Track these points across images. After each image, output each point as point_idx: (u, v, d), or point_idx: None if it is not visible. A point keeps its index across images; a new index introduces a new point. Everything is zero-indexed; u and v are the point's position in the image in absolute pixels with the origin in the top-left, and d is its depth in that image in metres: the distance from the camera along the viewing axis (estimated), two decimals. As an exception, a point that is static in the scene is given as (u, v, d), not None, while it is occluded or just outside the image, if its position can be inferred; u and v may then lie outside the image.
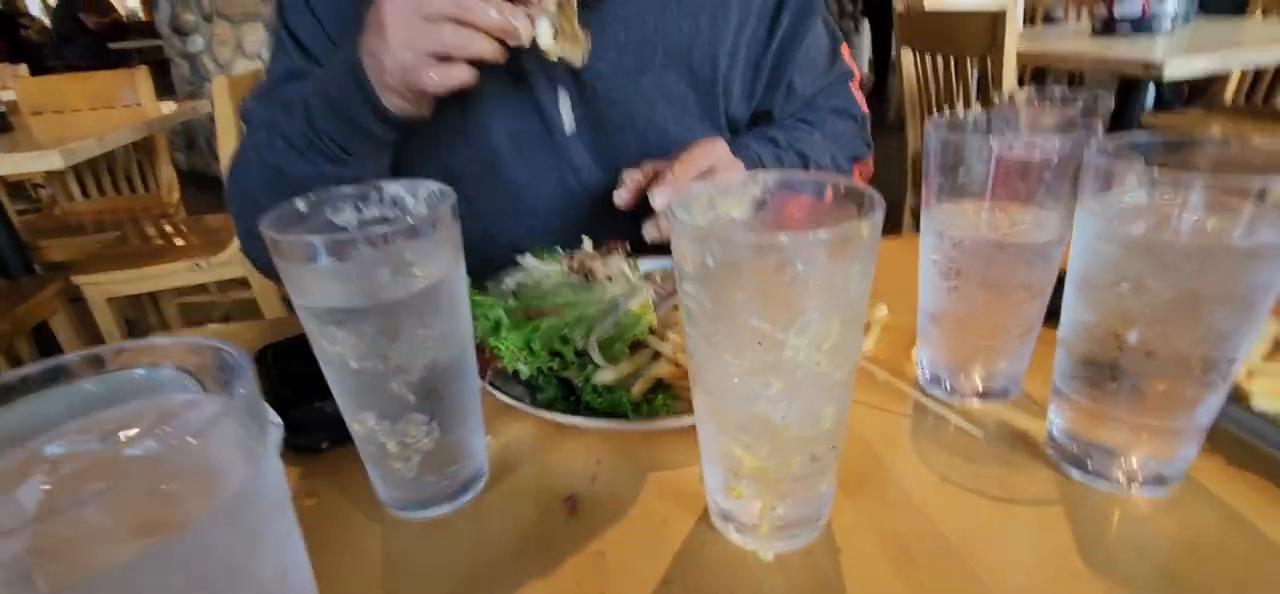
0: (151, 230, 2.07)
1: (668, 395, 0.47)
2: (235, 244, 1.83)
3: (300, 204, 0.38)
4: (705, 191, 0.35)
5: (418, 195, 0.40)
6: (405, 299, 0.35)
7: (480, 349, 0.50)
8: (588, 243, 0.60)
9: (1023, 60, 1.90)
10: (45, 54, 6.28)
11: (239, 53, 3.90)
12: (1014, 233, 0.42)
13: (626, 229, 0.66)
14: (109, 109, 2.25)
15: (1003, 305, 0.44)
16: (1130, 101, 2.17)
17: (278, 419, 0.48)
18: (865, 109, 0.80)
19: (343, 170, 0.59)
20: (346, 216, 0.40)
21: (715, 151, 0.60)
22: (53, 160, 1.42)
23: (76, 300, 1.80)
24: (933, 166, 0.44)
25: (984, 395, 0.47)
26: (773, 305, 0.29)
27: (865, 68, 6.60)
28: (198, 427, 0.22)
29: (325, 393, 0.52)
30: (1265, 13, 2.31)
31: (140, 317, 2.30)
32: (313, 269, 0.35)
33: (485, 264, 0.78)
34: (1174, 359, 0.34)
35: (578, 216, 0.71)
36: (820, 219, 0.36)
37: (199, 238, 1.98)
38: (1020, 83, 3.29)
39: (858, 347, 0.32)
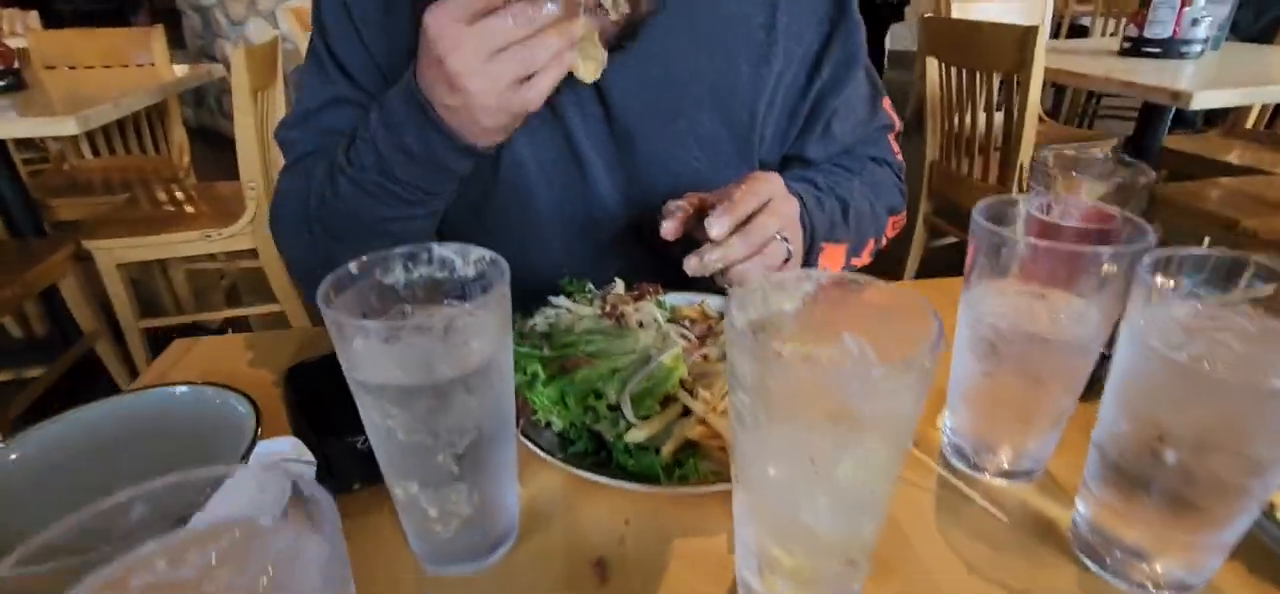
0: (162, 195, 2.06)
1: (698, 456, 0.47)
2: (246, 215, 1.83)
3: (352, 267, 0.38)
4: (759, 287, 0.35)
5: (468, 259, 0.40)
6: (459, 377, 0.35)
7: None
8: (620, 284, 0.60)
9: (1050, 76, 1.88)
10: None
11: (252, 10, 3.83)
12: (1054, 327, 0.42)
13: (650, 264, 0.66)
14: (122, 67, 2.22)
15: (1037, 394, 0.44)
16: (1151, 120, 2.15)
17: (311, 458, 0.49)
18: (901, 159, 0.79)
19: (422, 209, 0.59)
20: (396, 276, 0.40)
21: (771, 185, 0.57)
22: (67, 126, 1.41)
23: (83, 258, 1.80)
24: (977, 248, 0.44)
25: (1009, 475, 0.47)
26: (828, 432, 0.30)
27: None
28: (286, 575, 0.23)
29: (358, 423, 0.53)
30: (1296, 41, 2.28)
31: (147, 279, 2.31)
32: (370, 347, 0.35)
33: (512, 292, 0.78)
34: (1210, 482, 0.35)
35: (605, 250, 0.71)
36: (871, 322, 0.36)
37: (209, 206, 1.98)
38: (1057, 107, 3.24)
39: (903, 460, 0.32)
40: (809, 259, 0.62)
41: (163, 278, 2.25)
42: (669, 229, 0.57)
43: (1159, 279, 0.36)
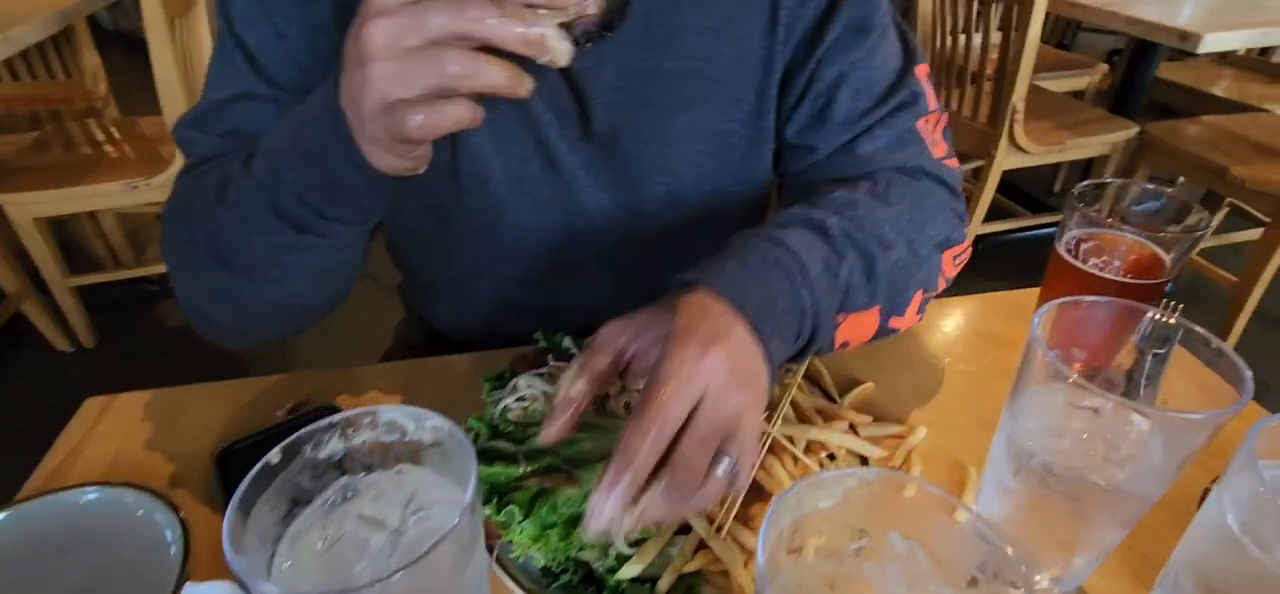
0: (78, 134, 1.84)
1: (700, 584, 0.42)
2: (174, 165, 1.64)
3: (275, 456, 0.30)
4: (794, 491, 0.28)
5: (422, 424, 0.32)
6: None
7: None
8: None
9: (1051, 7, 1.76)
10: None
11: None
12: (1111, 465, 0.37)
13: (641, 290, 0.54)
14: (10, -21, 1.91)
15: (1085, 529, 0.39)
16: (1144, 54, 2.06)
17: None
18: (954, 162, 0.59)
19: (313, 243, 0.47)
20: (332, 448, 0.32)
21: (701, 376, 0.36)
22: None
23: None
24: (1028, 361, 0.38)
25: None
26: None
27: None
28: None
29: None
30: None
31: (72, 225, 2.11)
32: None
33: (483, 331, 0.69)
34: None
35: (590, 274, 0.63)
36: (914, 521, 0.30)
37: (134, 148, 1.77)
38: (1046, 31, 3.09)
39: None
40: (809, 345, 0.45)
41: (90, 222, 2.06)
42: (551, 435, 0.41)
43: (1266, 447, 0.30)
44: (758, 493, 0.46)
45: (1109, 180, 0.58)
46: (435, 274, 0.70)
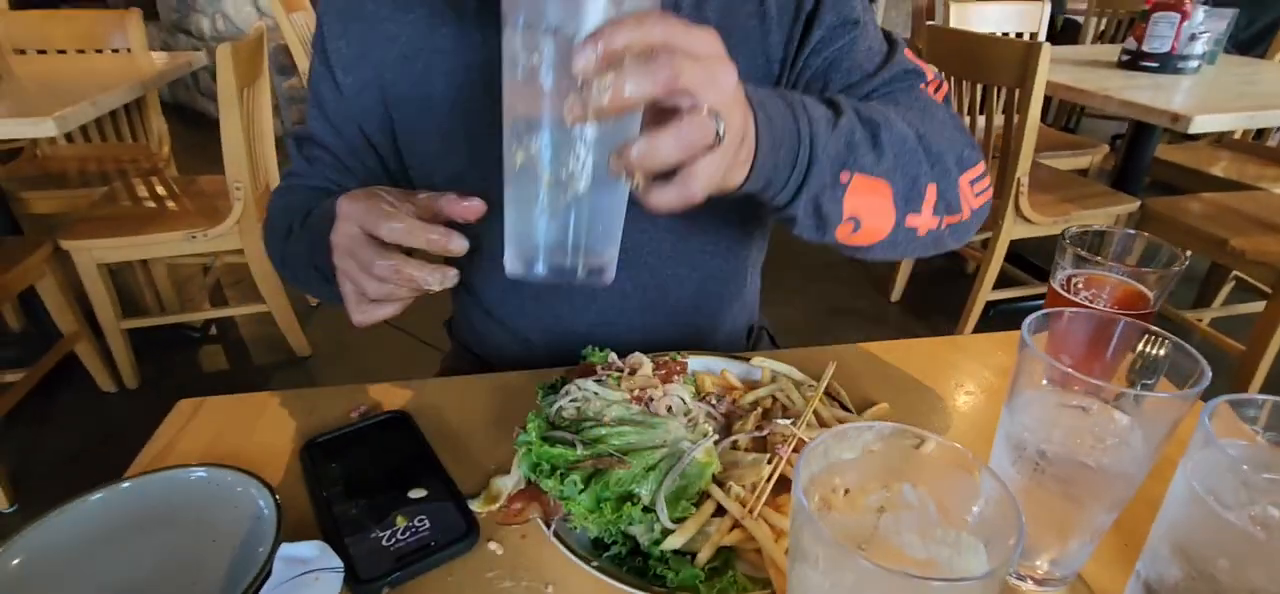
0: (143, 189, 1.99)
1: (736, 561, 0.47)
2: (232, 215, 1.77)
3: None
4: (821, 442, 0.34)
5: None
6: None
7: (545, 496, 0.50)
8: (646, 362, 0.59)
9: (1049, 90, 1.88)
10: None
11: (230, -14, 3.69)
12: (1099, 450, 0.42)
13: (654, 273, 0.67)
14: (96, 52, 2.13)
15: (1077, 511, 0.44)
16: (1143, 135, 2.17)
17: (337, 563, 0.47)
18: (963, 121, 0.60)
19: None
20: None
21: (699, 34, 0.37)
22: (46, 128, 1.34)
23: (58, 250, 1.73)
24: (1022, 362, 0.44)
25: (1042, 582, 0.48)
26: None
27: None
28: None
29: (382, 512, 0.52)
30: (1286, 54, 2.31)
31: (125, 273, 2.24)
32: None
33: (530, 344, 0.77)
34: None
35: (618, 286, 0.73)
36: (930, 476, 0.35)
37: (193, 203, 1.91)
38: (1050, 115, 3.23)
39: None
40: (804, 184, 0.46)
41: (143, 271, 2.19)
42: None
43: (1219, 426, 0.35)
44: (784, 485, 0.51)
45: (1098, 228, 0.66)
46: (479, 290, 0.78)
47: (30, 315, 1.94)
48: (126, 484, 0.53)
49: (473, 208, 0.47)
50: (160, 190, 1.99)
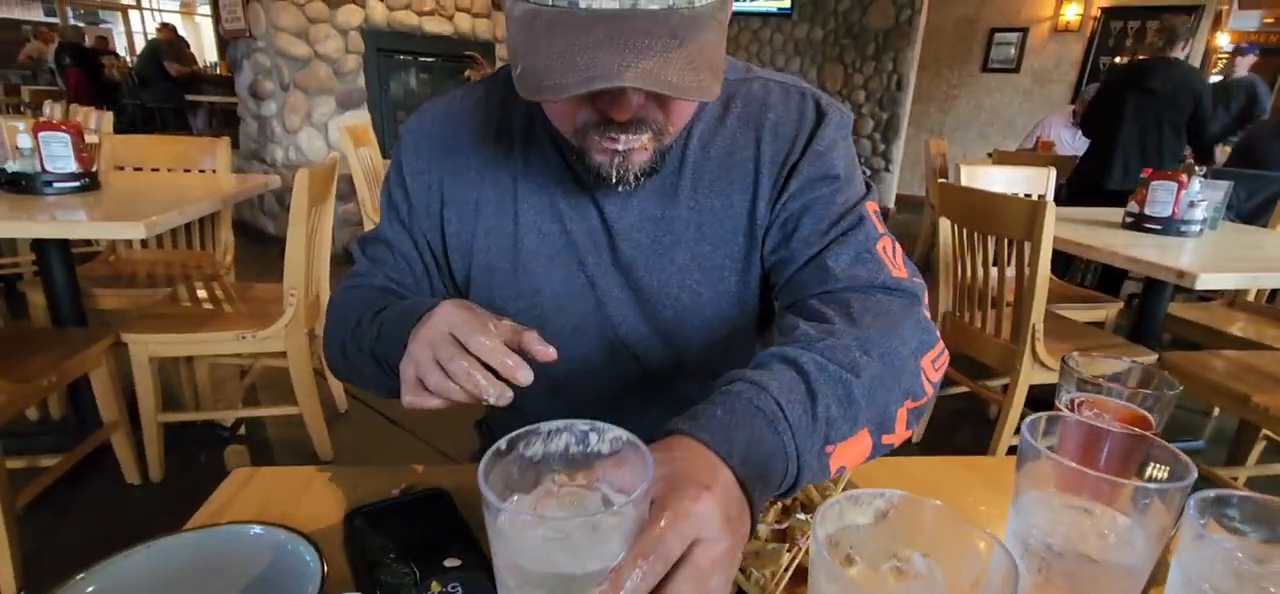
0: (202, 292, 2.14)
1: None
2: (282, 320, 1.89)
3: (502, 444, 0.41)
4: (836, 503, 0.38)
5: (603, 437, 0.42)
6: (599, 569, 0.37)
7: None
8: None
9: (1058, 245, 1.98)
10: (122, 92, 6.67)
11: (307, 121, 4.13)
12: (1103, 548, 0.45)
13: (663, 393, 0.76)
14: (185, 171, 2.38)
15: (1088, 611, 0.46)
16: (1155, 289, 2.23)
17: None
18: (917, 280, 0.66)
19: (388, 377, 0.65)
20: (535, 449, 0.43)
21: (692, 521, 0.38)
22: (137, 231, 1.50)
23: (118, 343, 1.84)
24: (1024, 460, 0.48)
25: (1062, 689, 0.48)
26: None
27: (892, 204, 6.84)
28: None
29: (417, 578, 0.54)
30: (1289, 225, 2.41)
31: (166, 368, 2.34)
32: (516, 525, 0.38)
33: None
34: None
35: (622, 375, 0.78)
36: (939, 543, 0.39)
37: (247, 307, 2.05)
38: (1062, 268, 3.37)
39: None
40: (796, 482, 0.49)
41: (186, 369, 2.29)
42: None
43: (1207, 520, 0.38)
44: (802, 577, 0.53)
45: (1098, 354, 0.70)
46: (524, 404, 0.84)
47: (74, 404, 2.02)
48: (189, 535, 0.57)
49: (547, 353, 0.55)
50: (218, 294, 2.13)
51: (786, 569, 0.53)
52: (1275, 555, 0.38)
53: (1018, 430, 2.03)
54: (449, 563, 0.56)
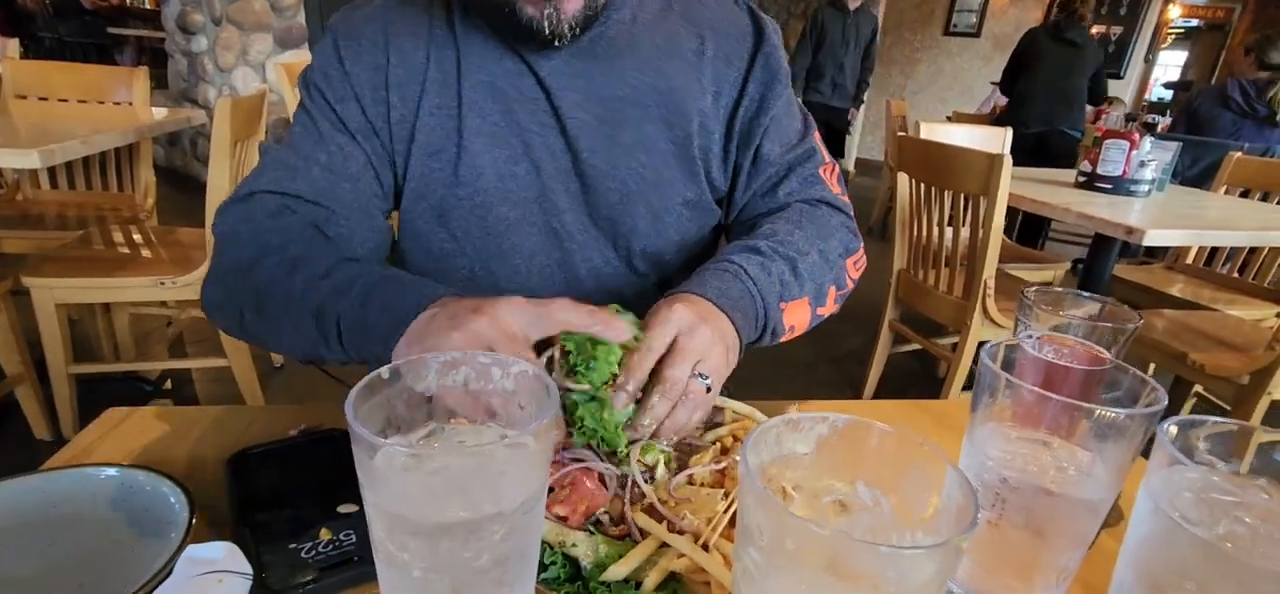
0: (119, 236, 1.97)
1: (683, 589, 0.43)
2: (206, 265, 1.75)
3: (384, 371, 0.34)
4: (773, 427, 0.33)
5: (507, 371, 0.37)
6: (494, 515, 0.31)
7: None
8: None
9: (1013, 202, 1.98)
10: (37, 24, 6.10)
11: (242, 60, 3.84)
12: (1062, 481, 0.41)
13: (616, 269, 0.76)
14: (98, 103, 2.17)
15: (1042, 548, 0.42)
16: (1102, 249, 2.27)
17: (247, 568, 0.43)
18: (846, 199, 0.78)
19: (325, 350, 0.58)
20: (428, 382, 0.36)
21: (672, 323, 0.52)
22: (30, 159, 1.34)
23: (19, 294, 1.68)
24: (981, 390, 0.43)
25: (1011, 633, 0.45)
26: (842, 591, 0.27)
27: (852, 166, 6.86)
28: None
29: (305, 524, 0.48)
30: (1227, 190, 2.48)
31: (85, 320, 2.17)
32: (392, 469, 0.31)
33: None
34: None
35: (562, 262, 0.75)
36: (885, 468, 0.34)
37: (168, 251, 1.89)
38: (1015, 234, 3.43)
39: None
40: (766, 326, 0.62)
41: (104, 319, 2.12)
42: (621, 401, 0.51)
43: (1180, 447, 0.35)
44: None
45: (1058, 288, 0.67)
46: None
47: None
48: (30, 478, 0.49)
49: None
50: (136, 237, 1.96)
51: (725, 513, 0.48)
52: (1247, 485, 0.35)
53: (968, 386, 2.05)
54: (344, 508, 0.50)
